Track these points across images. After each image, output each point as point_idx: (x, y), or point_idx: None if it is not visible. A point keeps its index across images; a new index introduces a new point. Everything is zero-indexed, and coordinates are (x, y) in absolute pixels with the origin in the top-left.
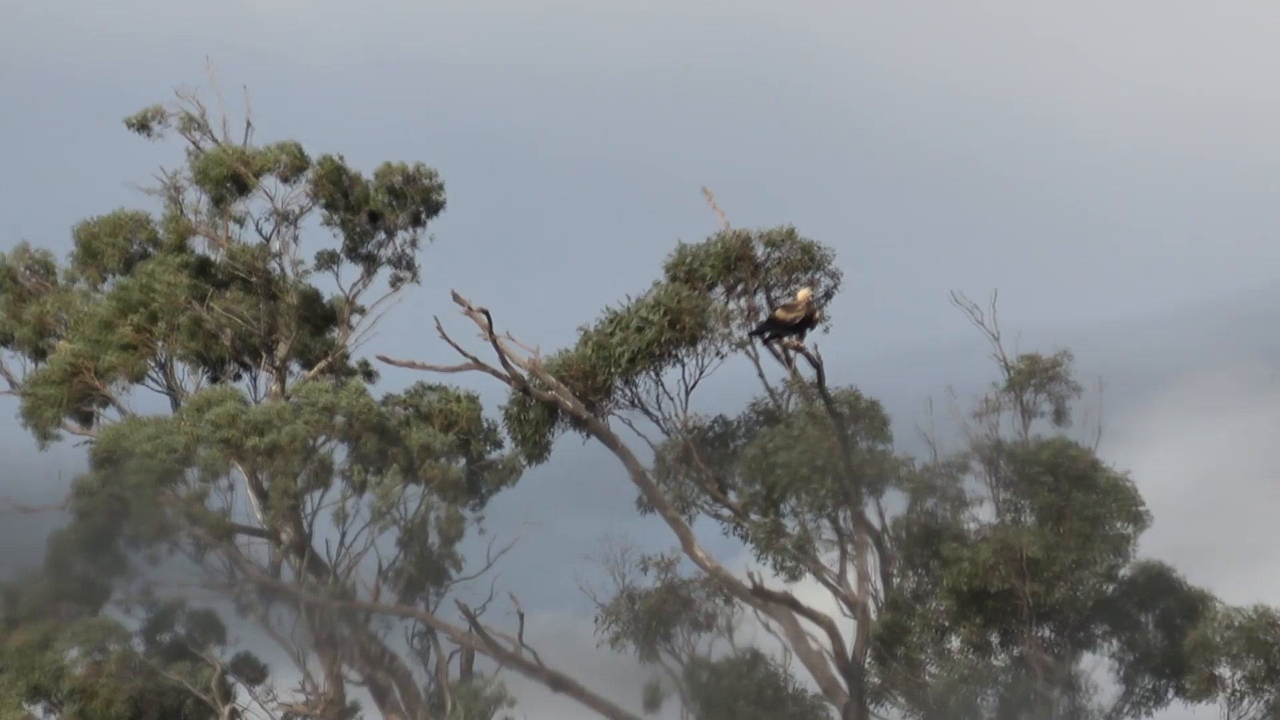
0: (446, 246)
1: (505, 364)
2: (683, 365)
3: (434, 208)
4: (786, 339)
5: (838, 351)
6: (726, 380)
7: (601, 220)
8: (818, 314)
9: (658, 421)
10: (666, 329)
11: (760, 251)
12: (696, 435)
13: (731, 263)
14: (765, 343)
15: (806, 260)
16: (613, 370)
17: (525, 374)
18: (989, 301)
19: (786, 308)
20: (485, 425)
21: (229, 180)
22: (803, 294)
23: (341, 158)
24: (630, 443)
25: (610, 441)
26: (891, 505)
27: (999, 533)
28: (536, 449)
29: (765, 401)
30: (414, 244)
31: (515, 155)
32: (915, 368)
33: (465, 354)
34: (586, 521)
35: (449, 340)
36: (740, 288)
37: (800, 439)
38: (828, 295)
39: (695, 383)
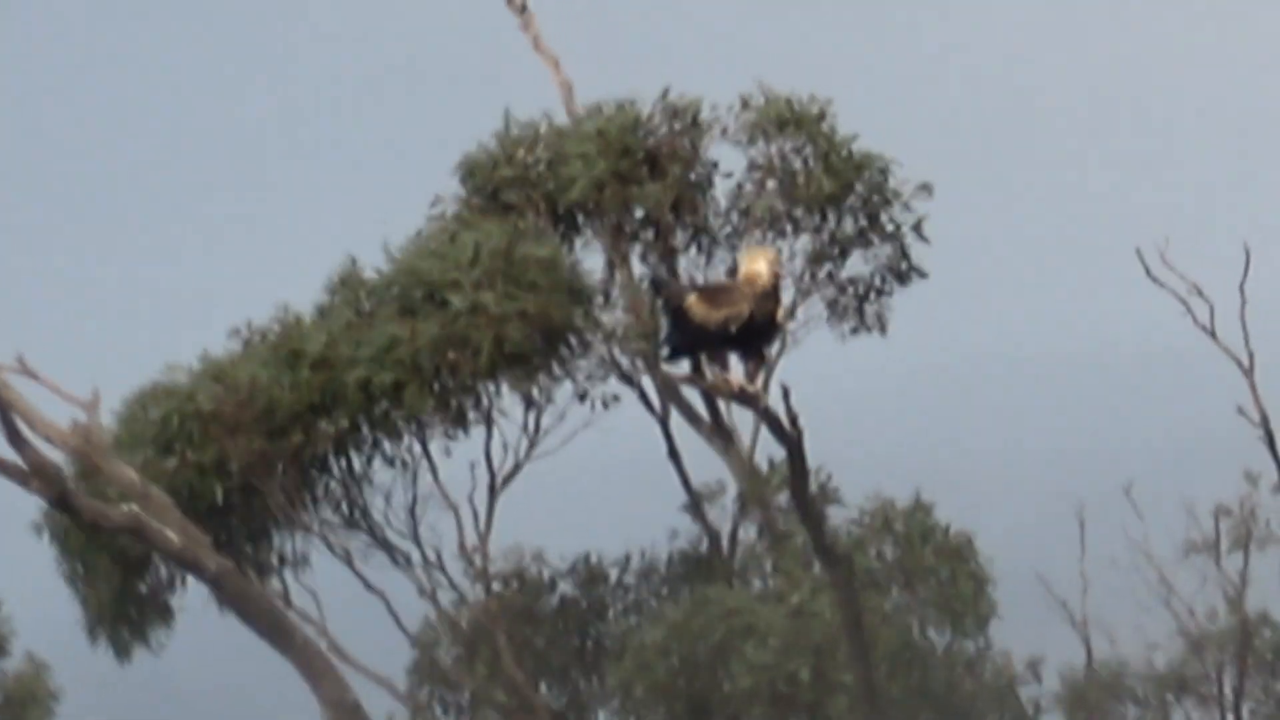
0: None
1: (15, 439)
2: (490, 421)
3: None
4: (712, 370)
5: (861, 396)
6: (595, 462)
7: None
8: (782, 315)
9: (412, 563)
10: (461, 321)
11: (698, 135)
12: (513, 602)
13: (617, 162)
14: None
15: (822, 172)
16: (308, 438)
17: (65, 460)
18: (1215, 274)
19: (709, 294)
20: None
21: None
22: (755, 259)
23: None
24: (342, 621)
25: (279, 630)
26: None
27: None
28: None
29: (681, 527)
30: None
31: None
32: (1035, 447)
33: None
34: None
35: None
36: (640, 234)
37: (765, 619)
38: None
39: (516, 468)
